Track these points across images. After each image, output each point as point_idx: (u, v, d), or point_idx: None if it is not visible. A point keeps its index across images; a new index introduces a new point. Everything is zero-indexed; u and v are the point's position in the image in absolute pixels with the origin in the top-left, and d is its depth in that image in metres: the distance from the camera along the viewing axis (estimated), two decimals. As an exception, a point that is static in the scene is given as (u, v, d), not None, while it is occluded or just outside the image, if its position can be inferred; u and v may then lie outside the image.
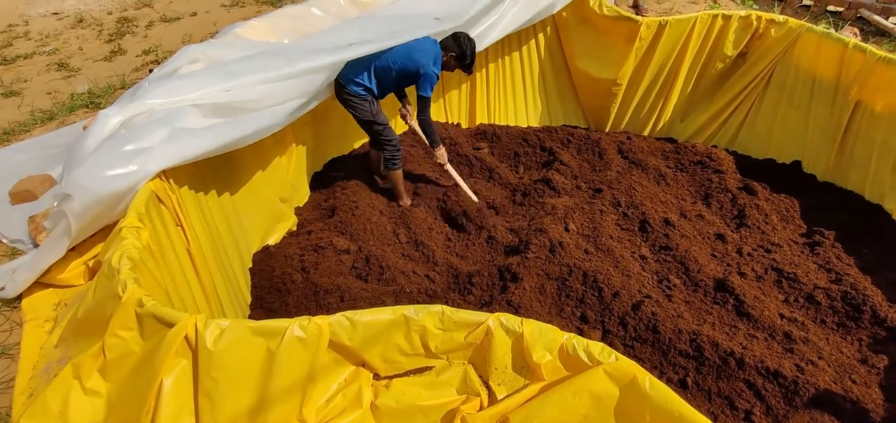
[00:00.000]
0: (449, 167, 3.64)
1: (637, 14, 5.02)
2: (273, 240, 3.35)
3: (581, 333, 2.65)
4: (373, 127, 3.43)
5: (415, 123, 3.56)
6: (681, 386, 2.38)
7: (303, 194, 3.77)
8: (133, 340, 1.52)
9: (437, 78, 3.27)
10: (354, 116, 3.37)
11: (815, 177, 3.81)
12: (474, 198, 3.65)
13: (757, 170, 3.92)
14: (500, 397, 1.54)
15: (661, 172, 3.94)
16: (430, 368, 1.61)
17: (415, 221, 3.47)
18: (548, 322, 2.62)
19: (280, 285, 2.99)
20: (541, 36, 4.47)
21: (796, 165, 3.91)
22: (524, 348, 1.50)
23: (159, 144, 2.02)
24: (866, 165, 3.50)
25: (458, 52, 3.30)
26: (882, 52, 3.35)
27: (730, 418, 2.25)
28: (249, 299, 2.97)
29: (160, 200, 2.00)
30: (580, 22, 4.30)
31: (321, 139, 3.96)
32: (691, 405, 2.27)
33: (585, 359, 1.45)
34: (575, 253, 3.02)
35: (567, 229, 3.28)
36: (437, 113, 4.56)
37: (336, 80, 3.28)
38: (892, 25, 5.70)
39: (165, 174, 2.10)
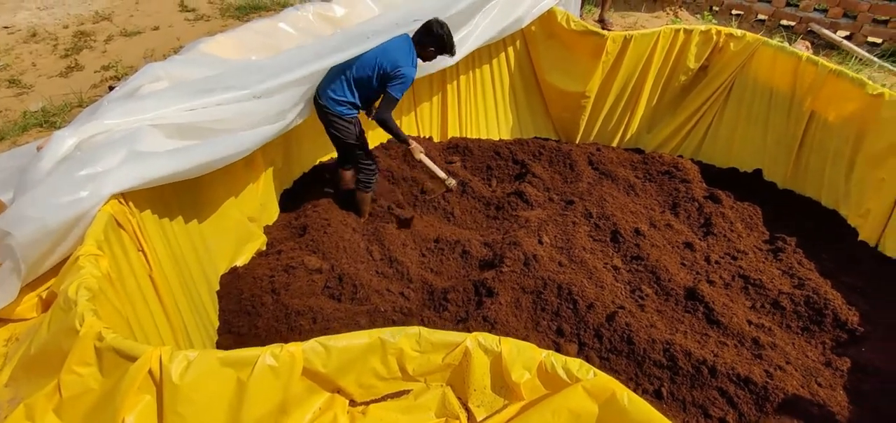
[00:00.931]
0: (424, 158, 3.48)
1: (603, 28, 5.15)
2: (241, 261, 3.25)
3: (557, 347, 2.65)
4: (355, 151, 3.38)
5: (422, 158, 3.45)
6: (656, 397, 2.41)
7: (272, 213, 3.68)
8: (92, 376, 1.43)
9: (415, 70, 3.17)
10: (337, 137, 3.29)
11: (775, 184, 3.95)
12: (445, 177, 3.53)
13: (721, 179, 4.05)
14: (479, 418, 1.52)
15: (631, 182, 4.02)
16: (408, 391, 1.57)
17: (388, 237, 3.43)
18: (524, 337, 2.67)
19: (249, 308, 2.90)
20: (510, 50, 4.52)
21: (758, 173, 4.05)
22: (503, 367, 1.48)
23: (117, 166, 1.92)
24: (821, 173, 3.65)
25: (437, 44, 3.18)
26: (832, 65, 3.52)
27: (704, 426, 2.28)
28: (217, 324, 2.87)
29: (120, 225, 1.91)
30: (548, 36, 4.37)
31: (291, 156, 3.89)
32: (667, 415, 2.31)
33: (564, 376, 1.44)
34: (549, 266, 3.04)
35: (541, 242, 3.30)
36: (409, 127, 4.54)
37: (315, 100, 3.21)
38: (841, 39, 6.01)
39: (125, 197, 2.00)
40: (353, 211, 3.64)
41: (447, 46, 3.21)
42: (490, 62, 4.52)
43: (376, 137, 4.34)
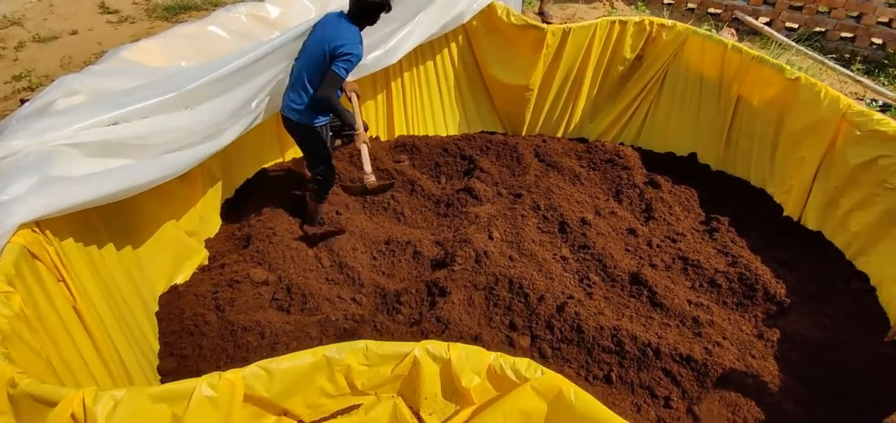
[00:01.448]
0: (364, 148, 3.24)
1: (543, 21, 5.23)
2: (181, 279, 3.08)
3: (510, 341, 2.69)
4: (317, 157, 3.25)
5: (363, 148, 3.23)
6: (606, 382, 2.48)
7: (213, 225, 3.51)
8: (7, 426, 1.31)
9: (358, 61, 2.97)
10: (303, 142, 3.24)
11: (708, 167, 4.16)
12: (369, 173, 3.20)
13: (660, 164, 4.21)
14: (431, 427, 1.51)
15: (576, 172, 4.12)
16: (358, 406, 1.54)
17: (337, 243, 3.35)
18: (478, 334, 2.68)
19: (192, 328, 2.76)
20: (453, 45, 4.52)
21: (693, 156, 4.25)
22: (453, 373, 1.48)
23: (26, 194, 1.75)
24: (749, 155, 3.88)
25: (369, 7, 2.96)
26: (754, 52, 3.73)
27: (651, 406, 2.37)
28: (158, 348, 2.71)
29: (35, 256, 1.75)
30: (489, 31, 4.39)
31: (230, 163, 3.71)
32: (617, 398, 2.40)
33: (513, 377, 1.46)
34: (500, 261, 3.07)
35: (491, 237, 3.32)
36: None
37: (282, 114, 3.12)
38: (762, 25, 6.39)
39: (39, 225, 1.84)
40: (303, 219, 3.54)
41: (386, 5, 3.01)
42: (433, 59, 4.50)
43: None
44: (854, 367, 2.53)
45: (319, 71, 2.95)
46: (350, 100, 3.34)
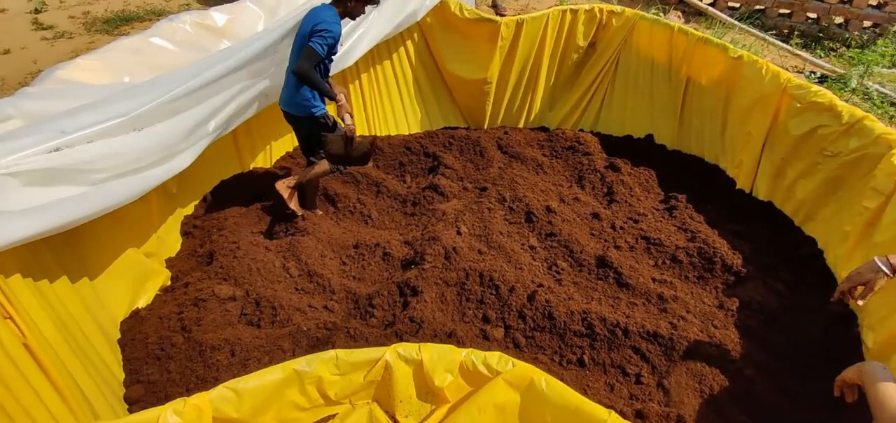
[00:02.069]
0: (347, 117, 3.23)
1: (497, 14, 5.26)
2: (143, 302, 2.97)
3: (484, 334, 2.72)
4: (320, 139, 3.31)
5: (349, 119, 3.23)
6: (579, 365, 2.54)
7: (172, 244, 3.40)
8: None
9: (336, 40, 3.00)
10: (312, 133, 3.33)
11: (665, 147, 4.30)
12: (351, 126, 3.24)
13: (618, 147, 4.32)
14: (408, 429, 1.51)
15: (539, 161, 4.18)
16: (333, 416, 1.53)
17: (304, 250, 3.30)
18: (452, 330, 2.70)
19: (158, 352, 2.67)
20: (409, 44, 4.51)
21: (649, 138, 4.38)
22: (426, 374, 1.48)
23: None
24: (701, 133, 4.03)
25: None
26: (700, 33, 3.87)
27: (623, 384, 2.44)
28: (123, 376, 2.61)
29: (-23, 295, 1.66)
30: (444, 27, 4.40)
31: (186, 178, 3.57)
32: (590, 379, 2.46)
33: (485, 371, 1.47)
34: (469, 256, 3.09)
35: (459, 233, 3.34)
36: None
37: (282, 109, 3.24)
38: (706, 6, 6.62)
39: (-21, 263, 1.74)
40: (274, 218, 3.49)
41: None
42: (390, 58, 4.48)
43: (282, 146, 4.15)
44: (807, 328, 2.68)
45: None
46: (338, 100, 3.21)
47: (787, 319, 2.74)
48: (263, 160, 4.16)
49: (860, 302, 1.89)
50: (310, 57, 2.92)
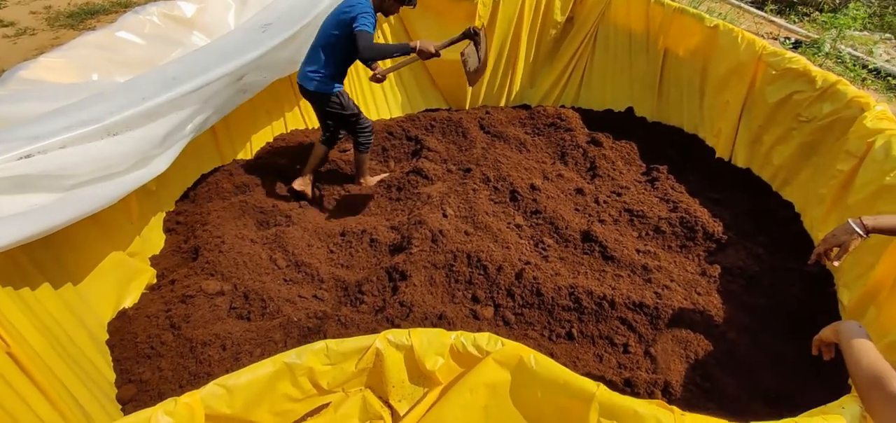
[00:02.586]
0: (436, 46, 3.26)
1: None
2: (130, 302, 2.94)
3: (474, 314, 2.75)
4: (348, 119, 3.45)
5: (385, 71, 3.60)
6: (568, 338, 2.59)
7: (156, 242, 3.36)
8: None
9: (374, 15, 3.11)
10: (331, 114, 3.44)
11: (645, 119, 4.34)
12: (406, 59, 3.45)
13: (599, 121, 4.35)
14: (402, 412, 1.53)
15: (521, 139, 4.19)
16: (327, 405, 1.54)
17: (291, 241, 3.28)
18: (442, 312, 2.72)
19: (148, 351, 2.65)
20: (386, 27, 4.46)
21: (629, 111, 4.41)
22: (416, 358, 1.50)
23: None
24: (680, 103, 4.07)
25: None
26: (675, 4, 3.89)
27: (612, 354, 2.50)
28: (114, 377, 2.60)
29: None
30: (421, 8, 4.32)
31: (166, 174, 3.51)
32: (580, 352, 2.51)
33: (475, 352, 1.50)
34: (456, 238, 3.11)
35: (445, 215, 3.35)
36: (295, 118, 4.36)
37: (299, 83, 3.33)
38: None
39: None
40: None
41: None
42: (368, 42, 4.42)
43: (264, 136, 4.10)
44: (787, 289, 2.76)
45: (335, 41, 3.18)
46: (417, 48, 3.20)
47: (767, 281, 2.82)
48: (244, 152, 4.11)
49: (836, 263, 1.96)
50: (366, 38, 2.98)
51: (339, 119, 3.49)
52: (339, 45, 3.20)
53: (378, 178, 3.81)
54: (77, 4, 6.18)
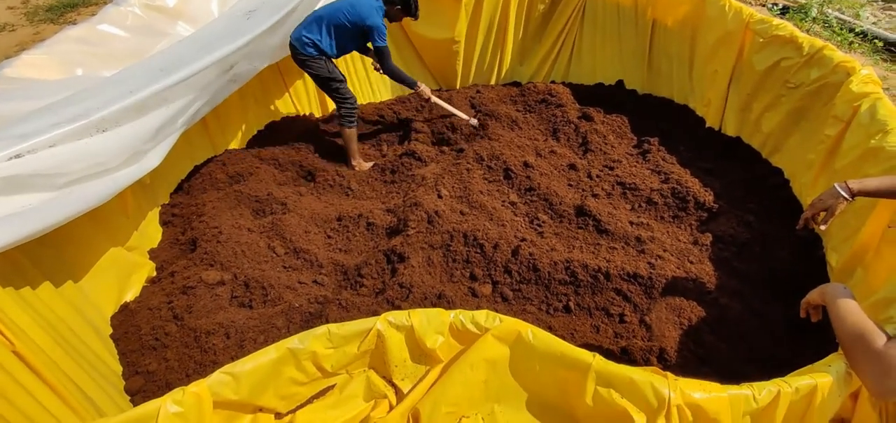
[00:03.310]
0: (435, 98, 3.94)
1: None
2: (131, 295, 2.97)
3: (473, 292, 2.80)
4: (330, 84, 3.64)
5: (436, 100, 3.93)
6: (565, 311, 2.64)
7: (153, 235, 3.37)
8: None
9: (386, 28, 3.50)
10: (311, 75, 3.64)
11: (635, 91, 4.35)
12: (468, 118, 4.02)
13: (590, 96, 4.36)
14: (405, 390, 1.58)
15: (513, 117, 4.20)
16: (332, 386, 1.59)
17: (288, 228, 3.31)
18: (441, 291, 2.77)
19: (153, 343, 2.69)
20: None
21: (620, 84, 4.42)
22: (417, 338, 1.54)
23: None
24: (670, 74, 4.09)
25: (403, 3, 3.54)
26: (663, -26, 3.88)
27: (608, 325, 2.56)
28: (121, 369, 2.64)
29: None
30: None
31: (158, 167, 3.52)
32: (577, 324, 2.57)
33: (474, 329, 1.54)
34: (452, 218, 3.14)
35: (440, 196, 3.38)
36: (285, 105, 4.34)
37: (290, 44, 3.52)
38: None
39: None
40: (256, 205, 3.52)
41: (411, 7, 3.57)
42: (357, 25, 4.38)
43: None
44: (777, 254, 2.82)
45: (342, 29, 3.49)
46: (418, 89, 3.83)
47: (758, 247, 2.88)
48: (236, 141, 4.10)
49: (823, 227, 2.01)
50: (384, 54, 3.54)
51: (323, 83, 3.67)
52: (347, 35, 3.52)
53: (371, 163, 3.88)
54: (56, -3, 6.08)
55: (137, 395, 2.48)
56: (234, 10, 3.29)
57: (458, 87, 4.73)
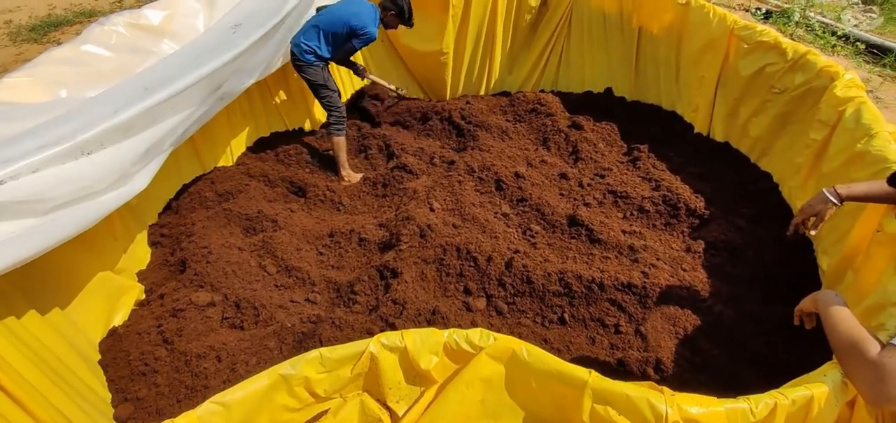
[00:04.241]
0: (372, 76, 4.24)
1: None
2: (119, 320, 2.91)
3: (467, 306, 2.78)
4: (321, 92, 3.72)
5: (373, 77, 4.16)
6: (560, 323, 2.63)
7: (141, 256, 3.32)
8: None
9: (371, 41, 3.62)
10: (307, 80, 3.72)
11: (624, 98, 4.38)
12: (392, 87, 4.33)
13: (579, 104, 4.39)
14: (401, 413, 1.56)
15: (503, 127, 4.20)
16: (326, 411, 1.56)
17: (279, 246, 3.27)
18: (435, 307, 2.74)
19: (142, 368, 2.63)
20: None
21: (608, 91, 4.45)
22: (411, 359, 1.52)
23: None
24: (657, 81, 4.12)
25: (398, 11, 3.64)
26: (646, -19, 3.92)
27: (604, 335, 2.55)
28: (110, 396, 2.58)
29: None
30: (394, 1, 4.32)
31: (146, 186, 3.49)
32: (572, 336, 2.56)
33: (469, 348, 1.52)
34: (444, 231, 3.12)
35: (432, 209, 3.36)
36: (273, 120, 4.33)
37: (291, 49, 3.61)
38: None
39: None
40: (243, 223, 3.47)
41: (405, 15, 3.66)
42: (344, 39, 4.39)
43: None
44: (768, 259, 2.83)
45: (338, 35, 3.57)
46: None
47: (750, 252, 2.89)
48: (224, 158, 4.06)
49: (813, 232, 2.01)
50: (350, 53, 3.69)
51: (316, 89, 3.75)
52: (345, 39, 3.61)
53: (361, 175, 3.88)
54: (39, 17, 6.00)
55: (127, 423, 2.43)
56: (220, 24, 3.26)
57: (447, 97, 4.73)
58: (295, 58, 3.62)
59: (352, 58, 3.92)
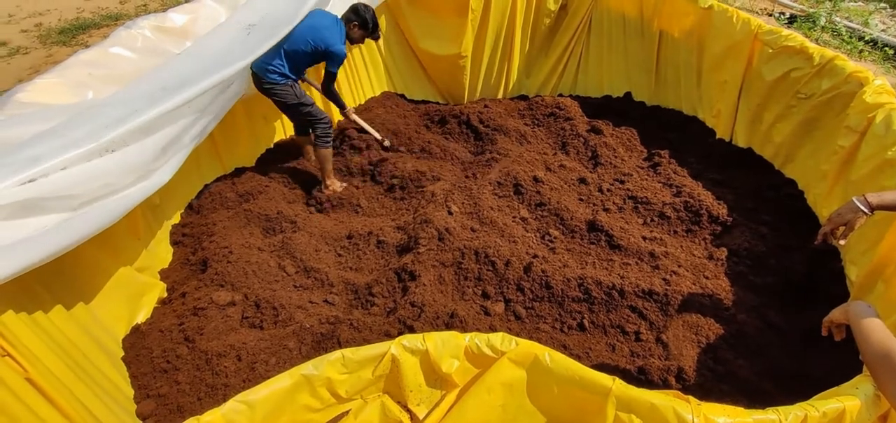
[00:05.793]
0: (356, 117, 4.00)
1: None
2: (142, 317, 2.96)
3: (485, 310, 2.77)
4: (300, 110, 3.54)
5: (355, 118, 3.96)
6: (580, 329, 2.61)
7: (164, 255, 3.38)
8: None
9: (346, 55, 3.47)
10: (278, 103, 3.52)
11: (644, 103, 4.34)
12: (380, 138, 4.07)
13: (598, 109, 4.35)
14: (421, 416, 1.55)
15: (521, 131, 4.19)
16: (347, 412, 1.57)
17: (299, 247, 3.30)
18: (453, 310, 2.74)
19: (164, 365, 2.68)
20: (383, 25, 4.44)
21: (628, 96, 4.41)
22: (432, 362, 1.52)
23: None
24: (678, 85, 4.07)
25: (361, 22, 3.50)
26: (668, -15, 3.88)
27: (624, 343, 2.52)
28: (132, 392, 2.62)
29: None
30: (411, 4, 4.35)
31: (168, 186, 3.51)
32: (592, 342, 2.54)
33: (490, 353, 1.51)
34: (462, 235, 3.12)
35: (450, 213, 3.36)
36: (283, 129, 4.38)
37: (252, 71, 3.39)
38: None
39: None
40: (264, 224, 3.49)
41: (369, 27, 3.52)
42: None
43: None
44: (793, 267, 2.77)
45: (301, 53, 3.38)
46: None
47: (774, 260, 2.83)
48: (245, 160, 4.11)
49: (842, 242, 1.97)
50: (331, 79, 3.54)
51: (286, 109, 3.60)
52: (305, 60, 3.45)
53: (344, 184, 3.84)
54: (67, 20, 6.17)
55: (149, 419, 2.47)
56: (236, 22, 3.29)
57: (465, 101, 4.73)
58: (260, 81, 3.42)
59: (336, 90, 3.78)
